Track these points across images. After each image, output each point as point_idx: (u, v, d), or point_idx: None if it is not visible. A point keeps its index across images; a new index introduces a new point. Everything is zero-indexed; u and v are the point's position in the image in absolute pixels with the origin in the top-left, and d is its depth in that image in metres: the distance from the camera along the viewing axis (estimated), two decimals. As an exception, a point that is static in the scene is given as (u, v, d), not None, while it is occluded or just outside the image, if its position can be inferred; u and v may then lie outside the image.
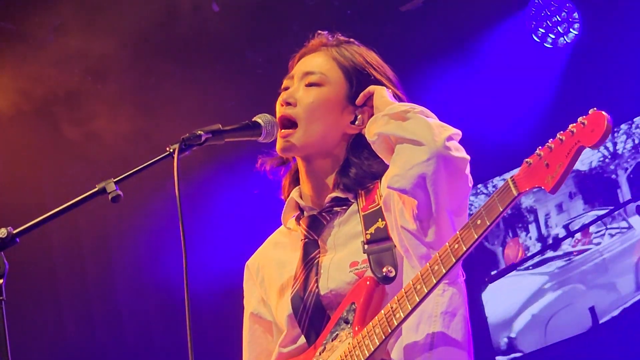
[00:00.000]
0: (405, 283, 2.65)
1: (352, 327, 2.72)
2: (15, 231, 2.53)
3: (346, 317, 2.75)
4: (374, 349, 2.63)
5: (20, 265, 5.93)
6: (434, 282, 2.52)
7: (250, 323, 3.08)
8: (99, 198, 2.67)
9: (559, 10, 6.64)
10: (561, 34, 6.66)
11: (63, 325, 6.74)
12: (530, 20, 6.66)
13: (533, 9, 6.62)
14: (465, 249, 2.46)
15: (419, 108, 2.77)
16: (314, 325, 2.83)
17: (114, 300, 7.00)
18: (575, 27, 6.64)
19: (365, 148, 2.89)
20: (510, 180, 2.39)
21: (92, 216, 6.68)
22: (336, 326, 2.77)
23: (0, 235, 2.52)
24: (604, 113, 2.22)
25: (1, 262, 2.48)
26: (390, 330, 2.60)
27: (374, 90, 2.90)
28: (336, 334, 2.77)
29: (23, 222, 2.58)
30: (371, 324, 2.65)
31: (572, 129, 2.27)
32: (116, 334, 6.95)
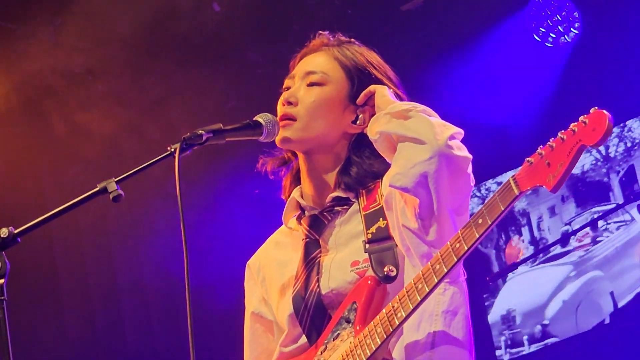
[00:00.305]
0: (407, 282, 2.66)
1: (354, 327, 2.72)
2: (16, 231, 2.53)
3: (347, 317, 2.75)
4: (375, 348, 2.63)
5: (21, 265, 5.95)
6: (436, 281, 2.52)
7: (251, 322, 3.08)
8: (100, 197, 2.67)
9: (559, 9, 6.64)
10: (562, 33, 6.66)
11: (64, 325, 6.73)
12: (530, 20, 6.66)
13: (534, 8, 6.62)
14: (466, 248, 2.46)
15: (421, 107, 2.78)
16: (315, 324, 2.83)
17: (115, 299, 6.99)
18: (575, 26, 6.64)
19: (367, 147, 2.90)
20: (511, 179, 2.39)
21: (93, 216, 6.67)
22: (337, 325, 2.78)
23: (1, 235, 2.51)
24: (606, 112, 2.22)
25: (2, 262, 2.48)
26: (391, 329, 2.60)
27: (375, 89, 2.90)
28: (337, 333, 2.77)
29: (23, 222, 2.58)
30: (372, 323, 2.66)
31: (574, 127, 2.27)
32: (117, 333, 6.94)
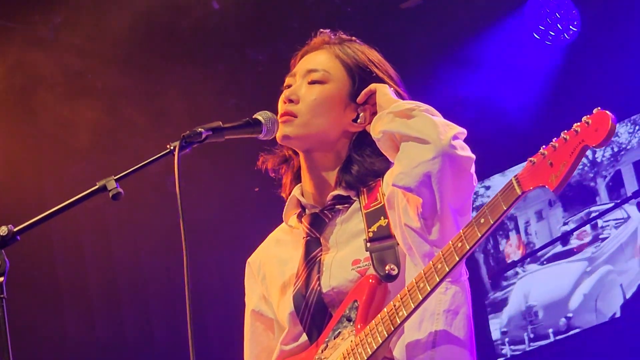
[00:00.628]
0: (408, 281, 2.66)
1: (355, 325, 2.72)
2: (16, 229, 2.53)
3: (348, 315, 2.75)
4: (376, 346, 2.64)
5: (21, 264, 5.94)
6: (437, 281, 2.53)
7: (252, 320, 3.08)
8: (100, 195, 2.66)
9: (558, 7, 6.63)
10: (561, 31, 6.66)
11: (63, 324, 6.72)
12: (530, 17, 6.65)
13: (533, 6, 6.62)
14: (468, 248, 2.47)
15: (424, 106, 2.77)
16: (316, 323, 2.83)
17: (114, 298, 6.98)
18: (574, 24, 6.63)
19: (369, 146, 2.90)
20: (514, 179, 2.40)
21: (92, 214, 6.67)
22: (338, 324, 2.78)
23: (0, 233, 2.51)
24: (609, 112, 2.22)
25: (2, 260, 2.48)
26: (393, 328, 2.60)
27: (376, 88, 2.89)
28: (338, 331, 2.77)
29: (22, 220, 2.58)
30: (374, 322, 2.66)
31: (577, 128, 2.27)
32: (117, 331, 6.93)
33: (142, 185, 6.22)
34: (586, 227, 6.76)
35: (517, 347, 6.93)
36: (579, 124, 2.27)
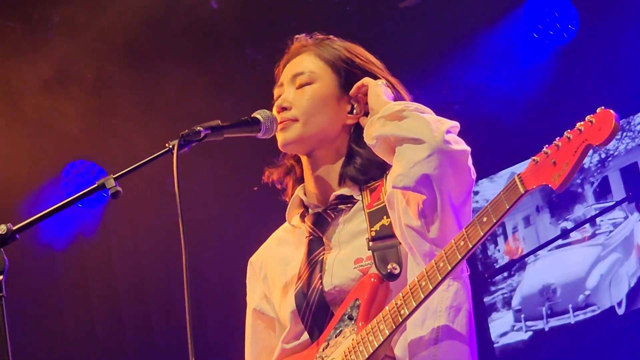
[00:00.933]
0: (410, 280, 2.66)
1: (356, 323, 2.73)
2: (15, 227, 2.53)
3: (350, 314, 2.76)
4: (378, 345, 2.65)
5: (20, 262, 5.93)
6: (439, 279, 2.54)
7: (253, 319, 3.08)
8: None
9: (557, 7, 6.63)
10: (560, 31, 6.65)
11: (63, 323, 6.72)
12: (529, 17, 6.65)
13: (532, 6, 6.61)
14: (471, 246, 2.48)
15: (414, 105, 2.79)
16: (318, 321, 2.84)
17: (113, 297, 6.97)
18: (573, 24, 6.63)
19: None
20: (517, 177, 2.40)
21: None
22: (340, 322, 2.79)
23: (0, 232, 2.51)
24: (612, 112, 2.23)
25: (1, 259, 2.48)
26: (394, 326, 2.61)
27: (367, 83, 2.92)
28: (340, 330, 2.78)
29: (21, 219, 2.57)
30: (375, 320, 2.67)
31: (580, 127, 2.28)
32: (116, 332, 6.93)
33: (142, 184, 6.21)
34: (586, 225, 6.78)
35: (535, 322, 6.97)
36: (582, 123, 2.27)
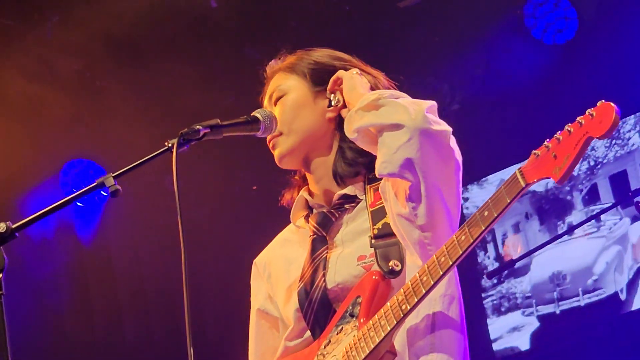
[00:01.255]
0: (410, 276, 2.67)
1: (357, 320, 2.74)
2: (14, 226, 2.53)
3: (351, 311, 2.77)
4: (379, 340, 2.65)
5: (20, 261, 5.92)
6: (441, 274, 2.55)
7: (257, 319, 3.10)
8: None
9: (557, 6, 6.63)
10: (560, 30, 6.65)
11: (62, 322, 6.71)
12: (528, 17, 6.65)
13: (532, 5, 6.61)
14: (472, 240, 2.49)
15: (387, 92, 2.81)
16: (320, 319, 2.85)
17: (113, 296, 6.97)
18: (572, 24, 6.63)
19: None
20: (518, 171, 2.42)
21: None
22: (341, 319, 2.80)
23: (-1, 230, 2.50)
24: (613, 104, 2.24)
25: (1, 257, 2.47)
26: (396, 322, 2.62)
27: (342, 76, 2.95)
28: (341, 327, 2.79)
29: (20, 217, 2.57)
30: (377, 316, 2.68)
31: (581, 120, 2.29)
32: (116, 331, 6.92)
33: (141, 184, 6.21)
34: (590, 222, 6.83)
35: (546, 307, 6.99)
36: (582, 116, 2.29)
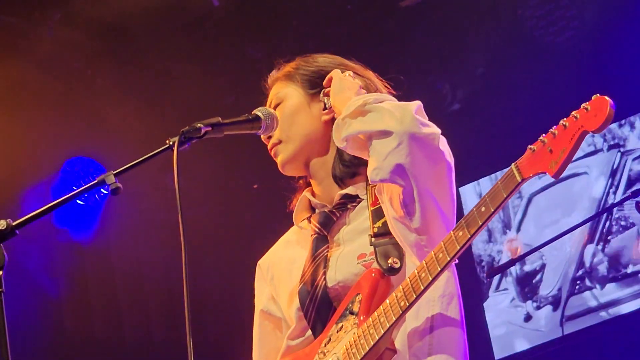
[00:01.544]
0: (409, 273, 2.67)
1: (357, 317, 2.75)
2: (14, 223, 2.53)
3: (351, 308, 2.78)
4: (378, 337, 2.66)
5: (19, 260, 5.92)
6: (439, 269, 2.56)
7: (260, 320, 3.11)
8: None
9: (557, 5, 6.63)
10: (560, 30, 6.65)
11: (61, 319, 6.71)
12: (529, 16, 6.65)
13: (531, 5, 6.61)
14: (469, 235, 2.50)
15: (372, 97, 2.82)
16: (321, 317, 2.86)
17: (113, 294, 6.97)
18: (573, 23, 6.63)
19: None
20: (514, 166, 2.43)
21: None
22: (341, 317, 2.80)
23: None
24: (607, 98, 2.25)
25: (1, 254, 2.47)
26: (394, 318, 2.63)
27: (333, 75, 2.97)
28: (341, 324, 2.80)
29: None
30: (376, 314, 2.68)
31: (576, 114, 2.30)
32: (115, 329, 6.92)
33: (142, 182, 6.22)
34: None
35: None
36: (577, 110, 2.30)
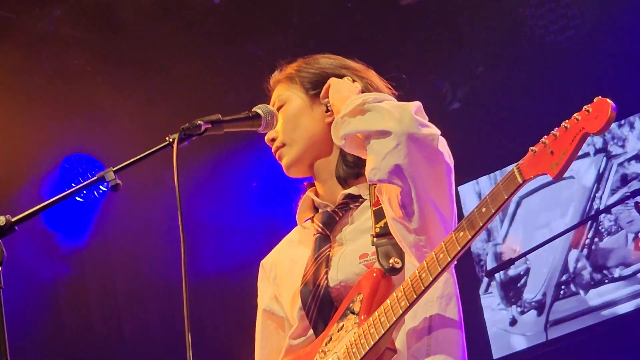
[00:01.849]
0: (409, 274, 2.68)
1: (358, 317, 2.76)
2: (14, 219, 2.52)
3: (352, 308, 2.78)
4: (378, 337, 2.67)
5: (18, 258, 5.91)
6: (439, 270, 2.56)
7: (263, 319, 3.11)
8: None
9: (558, 5, 6.63)
10: (560, 29, 6.65)
11: (60, 317, 6.72)
12: (529, 16, 6.65)
13: (532, 4, 6.61)
14: (470, 237, 2.50)
15: (371, 96, 2.82)
16: (322, 316, 2.87)
17: (111, 294, 6.97)
18: (574, 23, 6.63)
19: None
20: (515, 167, 2.43)
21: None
22: (342, 317, 2.81)
23: (-2, 223, 2.50)
24: (609, 100, 2.26)
25: (0, 250, 2.47)
26: (395, 318, 2.64)
27: (330, 83, 2.97)
28: (342, 324, 2.80)
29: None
30: (377, 313, 2.69)
31: (577, 116, 2.30)
32: (114, 328, 6.93)
33: (141, 179, 6.22)
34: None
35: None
36: (579, 112, 2.30)
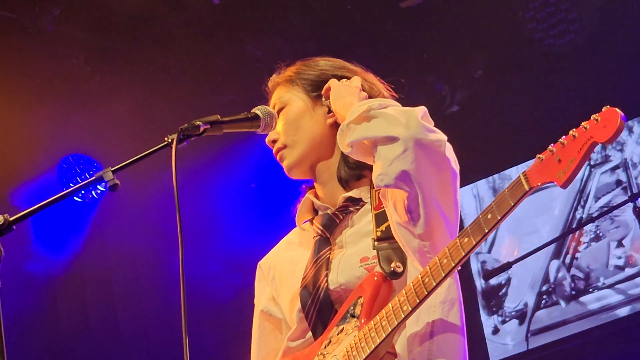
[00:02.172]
0: (411, 278, 2.69)
1: (359, 320, 2.75)
2: (11, 218, 2.51)
3: (353, 311, 2.77)
4: (380, 341, 2.66)
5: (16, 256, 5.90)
6: (443, 275, 2.56)
7: (260, 320, 3.10)
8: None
9: (558, 8, 6.62)
10: (560, 33, 6.65)
11: (58, 316, 6.70)
12: (529, 18, 6.64)
13: (532, 6, 6.61)
14: (475, 243, 2.50)
15: (377, 102, 2.81)
16: (322, 319, 2.86)
17: (109, 294, 6.96)
18: (574, 27, 6.63)
19: None
20: (522, 175, 2.41)
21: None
22: (342, 320, 2.80)
23: (-3, 223, 2.48)
24: (618, 110, 2.25)
25: (-2, 250, 2.45)
26: (396, 322, 2.63)
27: (330, 84, 2.97)
28: (342, 327, 2.80)
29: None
30: (378, 317, 2.69)
31: (585, 125, 2.29)
32: (111, 327, 6.91)
33: (139, 179, 6.21)
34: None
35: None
36: (587, 121, 2.29)
